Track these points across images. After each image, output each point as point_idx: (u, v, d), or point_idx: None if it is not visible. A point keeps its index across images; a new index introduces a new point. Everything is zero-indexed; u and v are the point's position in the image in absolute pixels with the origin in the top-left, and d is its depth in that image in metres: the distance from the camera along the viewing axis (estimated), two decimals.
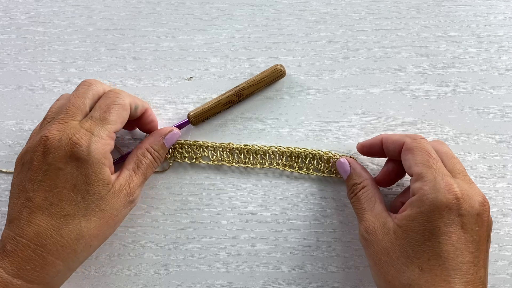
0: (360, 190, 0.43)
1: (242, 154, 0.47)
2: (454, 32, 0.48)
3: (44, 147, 0.37)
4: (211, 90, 0.48)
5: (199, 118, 0.46)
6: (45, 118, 0.41)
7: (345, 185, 0.46)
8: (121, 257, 0.46)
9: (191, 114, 0.46)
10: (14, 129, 0.47)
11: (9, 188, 0.47)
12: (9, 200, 0.39)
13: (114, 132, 0.40)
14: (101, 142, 0.38)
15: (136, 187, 0.41)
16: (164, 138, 0.44)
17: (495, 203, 0.47)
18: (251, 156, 0.47)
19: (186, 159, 0.47)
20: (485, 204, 0.37)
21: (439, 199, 0.36)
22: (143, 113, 0.44)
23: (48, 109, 0.43)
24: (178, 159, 0.47)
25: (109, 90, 0.41)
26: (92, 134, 0.38)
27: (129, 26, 0.48)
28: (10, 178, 0.47)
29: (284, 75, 0.47)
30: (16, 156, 0.40)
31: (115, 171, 0.41)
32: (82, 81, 0.42)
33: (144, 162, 0.42)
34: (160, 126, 0.47)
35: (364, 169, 0.44)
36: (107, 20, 0.48)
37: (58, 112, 0.40)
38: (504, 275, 0.46)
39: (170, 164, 0.47)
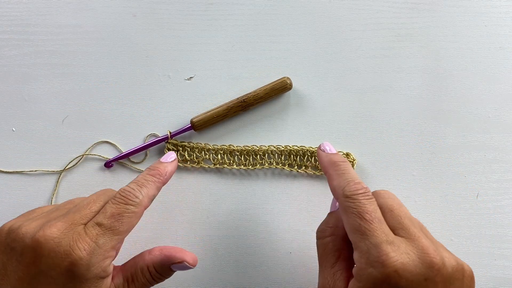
0: (325, 238, 0.38)
1: (243, 156, 0.47)
2: (454, 32, 0.48)
3: (37, 245, 0.33)
4: (211, 90, 0.48)
5: (203, 126, 0.46)
6: (57, 208, 0.38)
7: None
8: (121, 257, 0.46)
9: (195, 120, 0.46)
10: (14, 129, 0.47)
11: (9, 188, 0.47)
12: None
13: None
14: (104, 255, 0.34)
15: None
16: (173, 265, 0.39)
17: (495, 203, 0.47)
18: (251, 157, 0.47)
19: (188, 162, 0.47)
20: (433, 266, 0.32)
21: (374, 276, 0.32)
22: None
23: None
24: (180, 162, 0.47)
25: (124, 189, 0.37)
26: (97, 245, 0.34)
27: (129, 26, 0.48)
28: (10, 178, 0.47)
29: (290, 88, 0.47)
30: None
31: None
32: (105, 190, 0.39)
33: (140, 280, 0.38)
34: (160, 126, 0.47)
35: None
36: (107, 20, 0.48)
37: (71, 210, 0.36)
38: (504, 275, 0.46)
39: None
